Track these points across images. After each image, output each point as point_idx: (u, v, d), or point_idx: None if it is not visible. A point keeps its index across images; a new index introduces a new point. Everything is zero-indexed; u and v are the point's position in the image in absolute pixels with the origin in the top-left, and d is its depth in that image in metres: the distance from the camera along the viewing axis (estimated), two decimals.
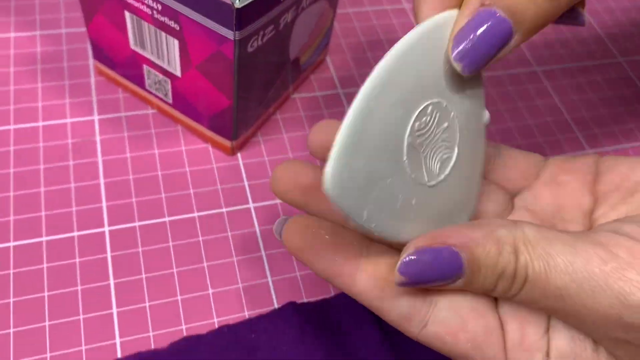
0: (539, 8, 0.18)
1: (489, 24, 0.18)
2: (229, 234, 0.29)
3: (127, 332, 0.25)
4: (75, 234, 0.27)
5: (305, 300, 0.27)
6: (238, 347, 0.25)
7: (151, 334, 0.25)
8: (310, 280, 0.28)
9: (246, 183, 0.30)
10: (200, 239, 0.28)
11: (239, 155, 0.31)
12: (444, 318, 0.20)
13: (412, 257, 0.19)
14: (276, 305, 0.27)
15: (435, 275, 0.19)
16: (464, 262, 0.18)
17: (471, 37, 0.19)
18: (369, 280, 0.21)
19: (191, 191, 0.30)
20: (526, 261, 0.18)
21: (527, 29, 0.19)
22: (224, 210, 0.29)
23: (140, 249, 0.27)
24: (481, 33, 0.18)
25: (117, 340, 0.25)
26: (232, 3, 0.23)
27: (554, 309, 0.18)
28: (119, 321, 0.25)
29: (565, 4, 0.19)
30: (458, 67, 0.19)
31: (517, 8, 0.18)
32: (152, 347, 0.25)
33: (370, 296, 0.21)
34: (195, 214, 0.29)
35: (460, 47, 0.19)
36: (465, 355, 0.21)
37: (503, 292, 0.19)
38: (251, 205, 0.30)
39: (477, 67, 0.19)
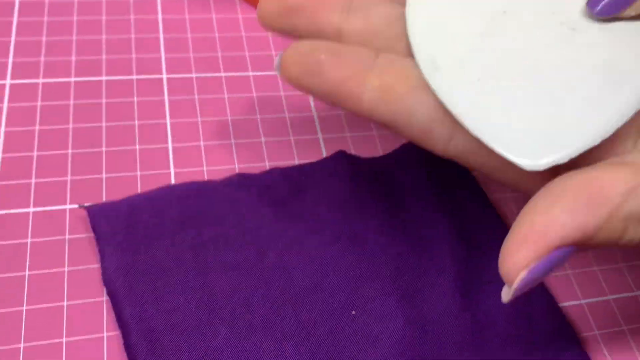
0: None
1: None
2: (282, 93, 0.29)
3: (182, 165, 0.26)
4: (134, 77, 0.28)
5: None
6: (287, 186, 0.25)
7: (205, 168, 0.26)
8: (359, 139, 0.28)
9: None
10: (255, 95, 0.29)
11: None
12: None
13: (524, 280, 0.15)
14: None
15: (547, 273, 0.15)
16: (575, 250, 0.15)
17: None
18: (375, 93, 0.18)
19: (246, 53, 0.30)
20: None
21: None
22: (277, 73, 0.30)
23: (196, 97, 0.28)
24: None
25: (172, 170, 0.25)
26: None
27: None
28: (174, 155, 0.26)
29: None
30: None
31: None
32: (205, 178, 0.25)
33: (380, 112, 0.19)
34: (250, 73, 0.29)
35: None
36: (499, 169, 0.19)
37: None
38: None
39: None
